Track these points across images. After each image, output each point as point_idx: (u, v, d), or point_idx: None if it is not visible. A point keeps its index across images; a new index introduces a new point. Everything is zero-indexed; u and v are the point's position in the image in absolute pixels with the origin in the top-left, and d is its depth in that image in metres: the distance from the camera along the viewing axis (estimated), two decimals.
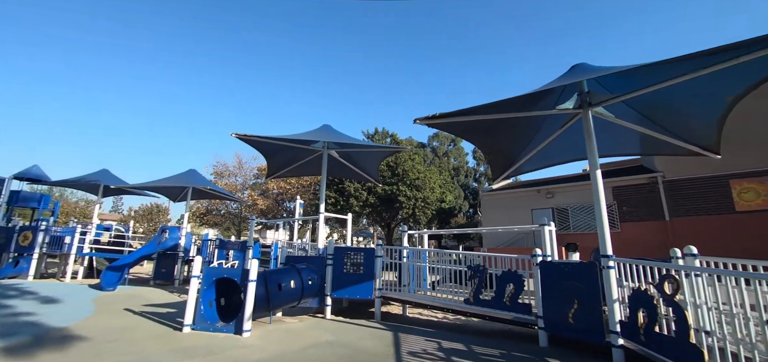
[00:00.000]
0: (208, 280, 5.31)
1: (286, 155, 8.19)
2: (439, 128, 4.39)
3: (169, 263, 11.63)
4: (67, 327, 5.08)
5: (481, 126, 4.83)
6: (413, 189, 17.99)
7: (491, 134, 5.20)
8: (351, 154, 8.71)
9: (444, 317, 7.15)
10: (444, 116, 3.93)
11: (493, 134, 5.22)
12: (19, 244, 11.26)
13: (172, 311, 6.61)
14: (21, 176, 14.35)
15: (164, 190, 13.36)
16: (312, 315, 6.61)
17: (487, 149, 5.56)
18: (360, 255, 6.66)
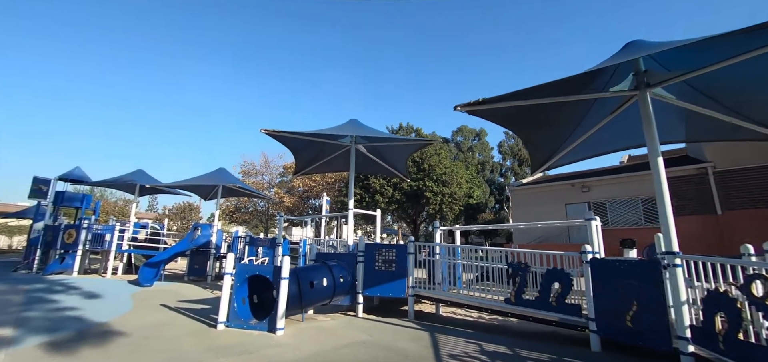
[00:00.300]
0: (241, 277, 5.25)
1: (313, 151, 8.08)
2: (480, 114, 4.08)
3: (201, 260, 11.89)
4: (107, 323, 5.17)
5: (524, 113, 4.47)
6: (440, 185, 17.57)
7: (534, 121, 4.82)
8: (378, 148, 8.49)
9: (479, 317, 6.83)
10: (487, 101, 3.62)
11: (535, 122, 4.85)
12: (64, 242, 11.85)
13: (206, 307, 6.66)
14: (65, 177, 15.15)
15: (196, 188, 13.69)
16: (343, 313, 6.47)
17: (529, 138, 5.17)
18: (392, 252, 6.44)
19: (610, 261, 4.51)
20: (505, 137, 50.98)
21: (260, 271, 5.24)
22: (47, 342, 4.16)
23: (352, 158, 7.87)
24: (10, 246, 30.72)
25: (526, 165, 48.42)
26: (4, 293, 7.59)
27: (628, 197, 14.43)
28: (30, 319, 5.25)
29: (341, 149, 8.21)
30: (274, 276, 5.11)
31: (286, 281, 4.96)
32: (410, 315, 6.21)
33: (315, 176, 25.00)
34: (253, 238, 10.12)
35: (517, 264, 5.31)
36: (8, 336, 4.32)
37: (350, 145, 7.90)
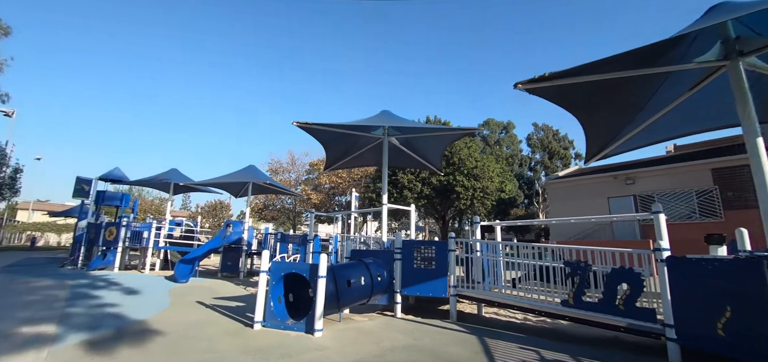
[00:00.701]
0: (277, 275, 5.04)
1: (344, 144, 7.81)
2: (538, 93, 3.60)
3: (234, 257, 11.97)
4: (145, 320, 5.11)
5: (587, 91, 3.94)
6: (471, 179, 16.91)
7: (596, 101, 4.27)
8: (411, 140, 8.11)
9: (525, 319, 6.33)
10: (554, 77, 3.14)
11: (598, 102, 4.29)
12: (105, 239, 12.28)
13: (241, 305, 6.54)
14: (105, 177, 15.77)
15: (227, 186, 13.83)
16: (380, 313, 6.16)
17: (589, 120, 4.61)
18: (431, 249, 6.05)
19: (693, 260, 3.91)
20: (534, 130, 49.09)
21: (296, 269, 5.00)
22: (87, 340, 4.09)
23: (384, 150, 7.52)
24: (59, 243, 32.82)
25: (557, 158, 46.41)
26: (52, 288, 7.84)
27: (680, 189, 13.27)
28: (72, 315, 5.28)
29: (373, 142, 7.89)
30: (310, 275, 4.86)
31: (323, 279, 4.69)
32: (452, 316, 5.80)
33: (341, 173, 24.95)
34: (285, 235, 10.02)
35: (577, 263, 4.77)
36: (51, 334, 4.30)
37: (382, 137, 7.55)
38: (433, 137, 7.54)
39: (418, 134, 7.39)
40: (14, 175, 17.83)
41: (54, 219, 33.07)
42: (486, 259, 6.34)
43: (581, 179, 15.80)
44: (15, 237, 31.75)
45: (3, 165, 16.87)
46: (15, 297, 6.61)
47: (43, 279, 9.32)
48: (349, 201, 29.13)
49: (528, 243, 5.87)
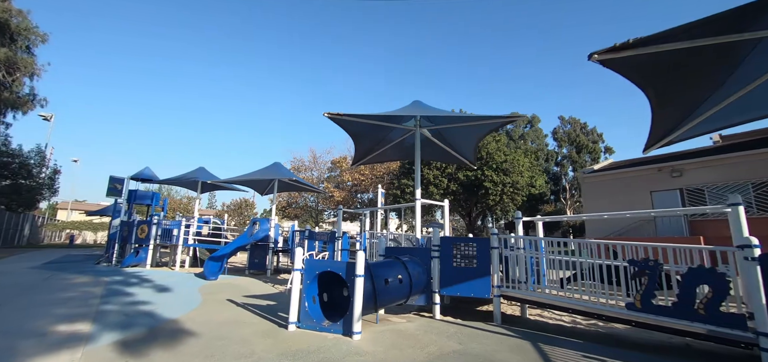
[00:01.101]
0: (311, 274, 4.77)
1: (374, 137, 7.48)
2: (614, 66, 3.12)
3: (261, 254, 11.93)
4: (177, 319, 4.97)
5: (667, 63, 3.41)
6: (500, 174, 16.23)
7: (673, 77, 3.72)
8: (444, 132, 7.68)
9: (573, 321, 5.83)
10: (638, 44, 2.67)
11: (674, 78, 3.75)
12: (138, 236, 12.53)
13: (272, 304, 6.34)
14: (136, 177, 16.16)
15: (253, 183, 13.84)
16: (417, 314, 5.81)
17: (662, 98, 4.05)
18: (472, 247, 5.63)
19: None
20: (560, 123, 47.32)
21: (332, 267, 4.71)
22: (120, 340, 3.95)
23: (416, 142, 7.14)
24: (95, 240, 34.35)
25: (586, 152, 44.57)
26: (88, 285, 7.94)
27: (734, 181, 12.17)
28: (107, 313, 5.21)
29: (404, 134, 7.52)
30: (347, 273, 4.55)
31: (362, 279, 4.37)
32: (496, 319, 5.37)
33: (364, 170, 24.71)
34: (312, 232, 9.82)
35: (645, 261, 4.24)
36: (86, 333, 4.19)
37: (415, 128, 7.17)
38: (468, 127, 7.08)
39: (453, 124, 6.95)
40: (53, 176, 18.61)
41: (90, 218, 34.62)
42: (531, 257, 5.86)
43: (620, 173, 14.82)
44: (55, 235, 33.46)
45: (42, 166, 17.61)
46: (53, 294, 6.68)
47: (80, 275, 9.52)
48: (372, 198, 28.99)
49: (582, 240, 5.33)
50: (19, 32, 17.57)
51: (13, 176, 16.22)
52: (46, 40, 19.27)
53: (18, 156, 16.33)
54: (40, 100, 18.23)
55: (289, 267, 12.97)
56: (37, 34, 18.81)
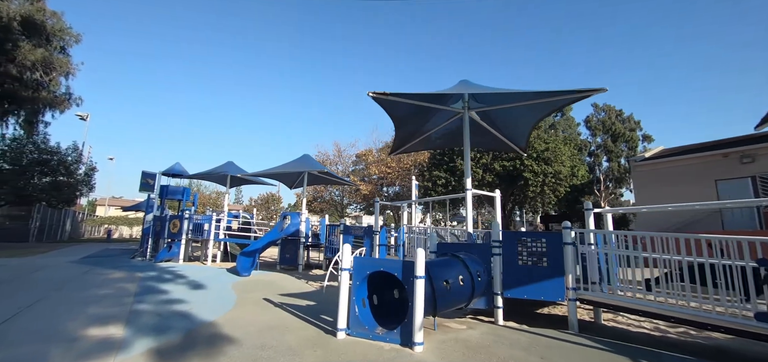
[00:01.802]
0: (361, 274, 4.18)
1: (418, 120, 6.79)
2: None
3: (292, 249, 11.56)
4: (214, 322, 4.53)
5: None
6: (541, 163, 15.14)
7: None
8: (493, 114, 6.89)
9: (655, 327, 5.02)
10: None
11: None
12: (170, 231, 12.48)
13: (311, 304, 5.84)
14: (166, 172, 16.24)
15: (282, 176, 13.50)
16: (473, 318, 5.14)
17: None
18: (541, 243, 4.87)
19: None
20: (594, 111, 44.82)
21: (386, 267, 4.10)
22: (155, 348, 3.51)
23: (465, 125, 6.39)
24: (130, 235, 35.63)
25: (622, 141, 42.12)
26: (123, 281, 7.75)
27: None
28: (140, 314, 4.85)
29: (451, 117, 6.80)
30: (404, 274, 3.93)
31: (422, 281, 3.74)
32: (573, 326, 4.61)
33: (390, 162, 24.08)
34: (347, 226, 9.28)
35: None
36: (118, 338, 3.79)
37: (463, 111, 6.43)
38: (525, 108, 6.25)
39: (510, 103, 6.13)
40: (89, 172, 19.11)
41: (126, 214, 35.97)
42: (610, 254, 5.04)
43: (678, 161, 13.45)
44: (94, 230, 34.98)
45: (79, 163, 18.09)
46: (89, 290, 6.47)
47: (115, 270, 9.44)
48: (399, 191, 28.35)
49: (666, 234, 4.44)
50: (54, 33, 18.03)
51: (52, 173, 16.69)
52: (79, 40, 19.74)
53: (56, 153, 16.77)
54: (75, 98, 18.78)
55: (321, 263, 12.57)
56: (71, 35, 19.28)
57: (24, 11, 15.39)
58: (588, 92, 4.81)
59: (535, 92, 5.45)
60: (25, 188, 15.19)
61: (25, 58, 15.07)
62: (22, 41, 15.43)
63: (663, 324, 5.19)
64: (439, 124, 7.17)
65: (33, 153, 15.89)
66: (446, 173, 16.57)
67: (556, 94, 5.24)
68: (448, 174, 16.49)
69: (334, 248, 9.97)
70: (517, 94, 5.75)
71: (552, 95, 5.28)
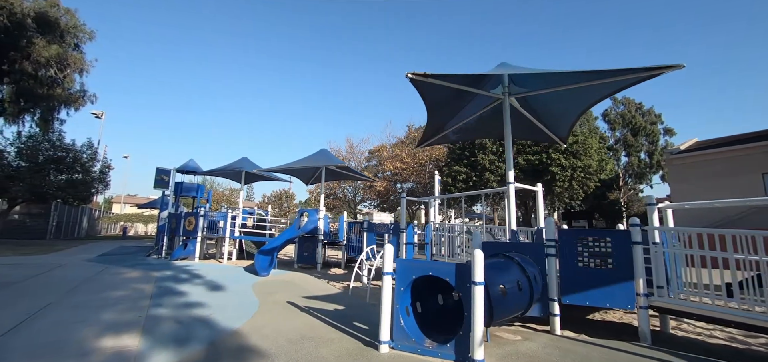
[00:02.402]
0: (406, 279, 3.67)
1: (452, 108, 6.23)
2: None
3: (310, 247, 11.13)
4: (239, 331, 4.07)
5: None
6: (569, 157, 14.37)
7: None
8: (534, 100, 6.29)
9: (730, 338, 4.40)
10: None
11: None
12: (185, 228, 12.19)
13: (340, 309, 5.36)
14: (181, 169, 16.00)
15: (298, 172, 13.08)
16: (524, 326, 4.59)
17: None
18: (605, 242, 4.27)
19: None
20: (613, 104, 43.40)
21: (436, 271, 3.57)
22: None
23: (505, 113, 5.81)
24: (146, 232, 35.90)
25: (643, 135, 40.75)
26: (138, 281, 7.41)
27: None
28: (158, 320, 4.43)
29: (490, 103, 6.21)
30: (458, 278, 3.40)
31: (482, 287, 3.20)
32: (645, 337, 4.02)
33: (406, 158, 23.51)
34: (371, 224, 8.78)
35: None
36: (133, 351, 3.35)
37: (503, 96, 5.83)
38: (573, 92, 5.61)
39: (558, 86, 5.50)
40: (104, 170, 19.05)
41: (141, 211, 36.24)
42: (666, 253, 4.42)
43: (720, 153, 12.55)
44: (111, 227, 35.34)
45: (94, 160, 18.01)
46: (104, 292, 6.12)
47: (131, 269, 9.14)
48: (412, 187, 27.76)
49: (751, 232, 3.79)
50: (68, 30, 17.92)
51: (67, 170, 16.62)
52: (93, 37, 19.64)
53: (71, 150, 16.69)
54: (90, 96, 18.71)
55: (339, 261, 12.14)
56: (84, 32, 19.18)
57: (38, 7, 15.28)
58: (661, 69, 4.17)
59: (592, 72, 4.81)
60: (41, 185, 15.10)
61: (40, 55, 14.95)
62: (36, 38, 15.31)
63: (738, 333, 4.58)
64: (474, 112, 6.59)
65: (48, 151, 15.81)
66: (467, 167, 15.91)
67: (621, 73, 4.59)
68: (468, 169, 15.83)
69: (355, 247, 9.47)
70: (568, 75, 5.12)
71: (615, 74, 4.63)
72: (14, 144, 15.38)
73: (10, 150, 15.39)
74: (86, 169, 17.42)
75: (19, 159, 15.38)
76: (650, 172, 42.92)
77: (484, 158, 15.46)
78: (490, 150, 15.47)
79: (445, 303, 4.19)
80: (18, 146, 15.35)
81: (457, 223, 9.23)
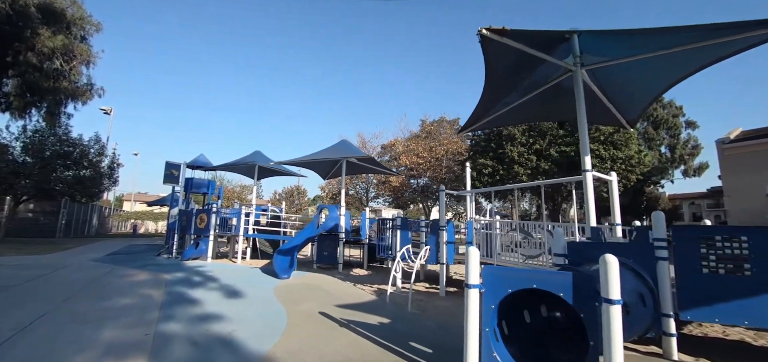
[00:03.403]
0: (497, 293, 2.75)
1: (512, 81, 5.27)
2: None
3: (330, 246, 10.28)
4: (270, 356, 3.23)
5: None
6: (609, 147, 13.25)
7: None
8: (605, 73, 5.30)
9: None
10: None
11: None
12: (197, 226, 11.46)
13: (385, 322, 4.47)
14: (191, 164, 15.29)
15: (316, 165, 12.20)
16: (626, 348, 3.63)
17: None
18: (740, 243, 3.30)
19: None
20: None
21: (541, 283, 2.64)
22: None
23: (578, 87, 4.85)
24: (156, 230, 35.55)
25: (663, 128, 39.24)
26: (147, 285, 6.63)
27: None
28: (169, 339, 3.60)
29: (558, 76, 5.26)
30: (576, 293, 2.47)
31: (618, 308, 2.27)
32: None
33: (422, 152, 22.53)
34: (405, 220, 7.87)
35: None
36: None
37: (575, 68, 4.87)
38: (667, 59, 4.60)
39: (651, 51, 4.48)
40: (112, 165, 18.46)
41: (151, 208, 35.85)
42: None
43: None
44: (121, 225, 35.05)
45: (102, 155, 17.41)
46: (107, 299, 5.33)
47: (139, 270, 8.39)
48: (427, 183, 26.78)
49: None
50: (74, 21, 17.31)
51: (75, 166, 16.03)
52: (100, 28, 19.02)
53: (78, 145, 16.08)
54: (97, 89, 18.12)
55: (360, 260, 11.30)
56: (91, 24, 18.56)
57: None
58: None
59: (702, 27, 3.80)
60: (47, 181, 14.51)
61: (44, 45, 14.32)
62: (41, 28, 14.69)
63: None
64: (530, 91, 5.63)
65: (55, 146, 15.22)
66: (493, 160, 14.89)
67: (749, 26, 3.56)
68: (495, 162, 14.80)
69: (385, 247, 8.56)
70: (667, 32, 4.10)
71: (740, 28, 3.60)
72: (19, 139, 14.82)
73: (16, 145, 14.83)
74: (94, 164, 16.82)
75: (24, 155, 14.80)
76: (672, 166, 41.34)
77: (512, 150, 14.38)
78: (519, 142, 14.40)
79: (532, 321, 3.28)
80: (23, 141, 14.77)
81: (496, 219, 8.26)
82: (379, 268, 10.88)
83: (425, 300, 6.10)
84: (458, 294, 6.74)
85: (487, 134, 16.01)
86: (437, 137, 24.51)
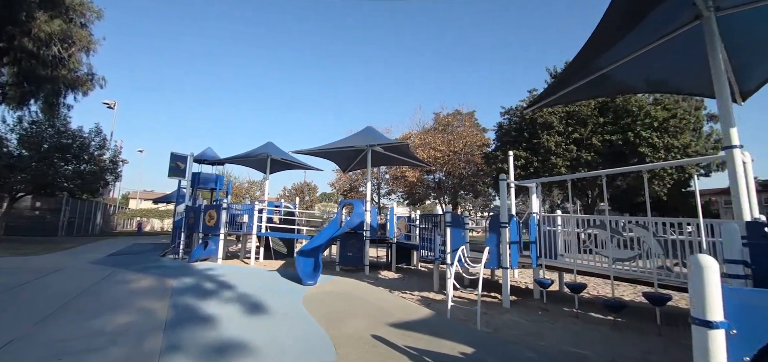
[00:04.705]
0: (758, 335, 1.53)
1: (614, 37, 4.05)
2: None
3: (355, 246, 9.14)
4: None
5: None
6: (663, 135, 11.90)
7: None
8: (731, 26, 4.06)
9: None
10: None
11: None
12: (206, 224, 10.37)
13: (466, 351, 3.29)
14: (198, 159, 14.20)
15: (337, 155, 11.05)
16: None
17: None
18: None
19: None
20: None
21: None
22: None
23: (713, 37, 3.63)
24: (162, 228, 34.68)
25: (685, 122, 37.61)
26: (149, 295, 5.52)
27: None
28: None
29: (676, 27, 4.03)
30: None
31: None
32: None
33: (440, 146, 21.29)
34: (455, 216, 6.65)
35: None
36: None
37: (709, 12, 3.64)
38: None
39: None
40: (114, 159, 17.44)
41: (157, 206, 34.98)
42: None
43: None
44: (126, 223, 34.24)
45: (103, 148, 16.39)
46: (100, 316, 4.22)
47: (142, 275, 7.29)
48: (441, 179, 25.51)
49: None
50: (73, 7, 16.25)
51: (74, 159, 15.01)
52: (101, 16, 17.94)
53: (78, 137, 15.05)
54: (98, 79, 17.09)
55: (383, 261, 10.15)
56: (92, 10, 17.50)
57: None
58: None
59: None
60: (45, 176, 13.48)
61: (41, 30, 13.28)
62: (37, 12, 13.63)
63: None
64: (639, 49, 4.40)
65: (53, 138, 14.19)
66: (526, 152, 13.61)
67: None
68: (528, 153, 13.52)
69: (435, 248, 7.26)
70: None
71: None
72: (15, 131, 13.81)
73: (11, 138, 13.82)
74: (95, 158, 15.80)
75: (21, 147, 13.79)
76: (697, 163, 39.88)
77: (549, 139, 13.07)
78: (557, 130, 13.09)
79: None
80: (19, 133, 13.77)
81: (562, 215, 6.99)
82: (406, 269, 9.76)
83: (488, 313, 4.94)
84: (521, 303, 5.58)
85: (519, 122, 14.72)
86: (454, 130, 23.25)
